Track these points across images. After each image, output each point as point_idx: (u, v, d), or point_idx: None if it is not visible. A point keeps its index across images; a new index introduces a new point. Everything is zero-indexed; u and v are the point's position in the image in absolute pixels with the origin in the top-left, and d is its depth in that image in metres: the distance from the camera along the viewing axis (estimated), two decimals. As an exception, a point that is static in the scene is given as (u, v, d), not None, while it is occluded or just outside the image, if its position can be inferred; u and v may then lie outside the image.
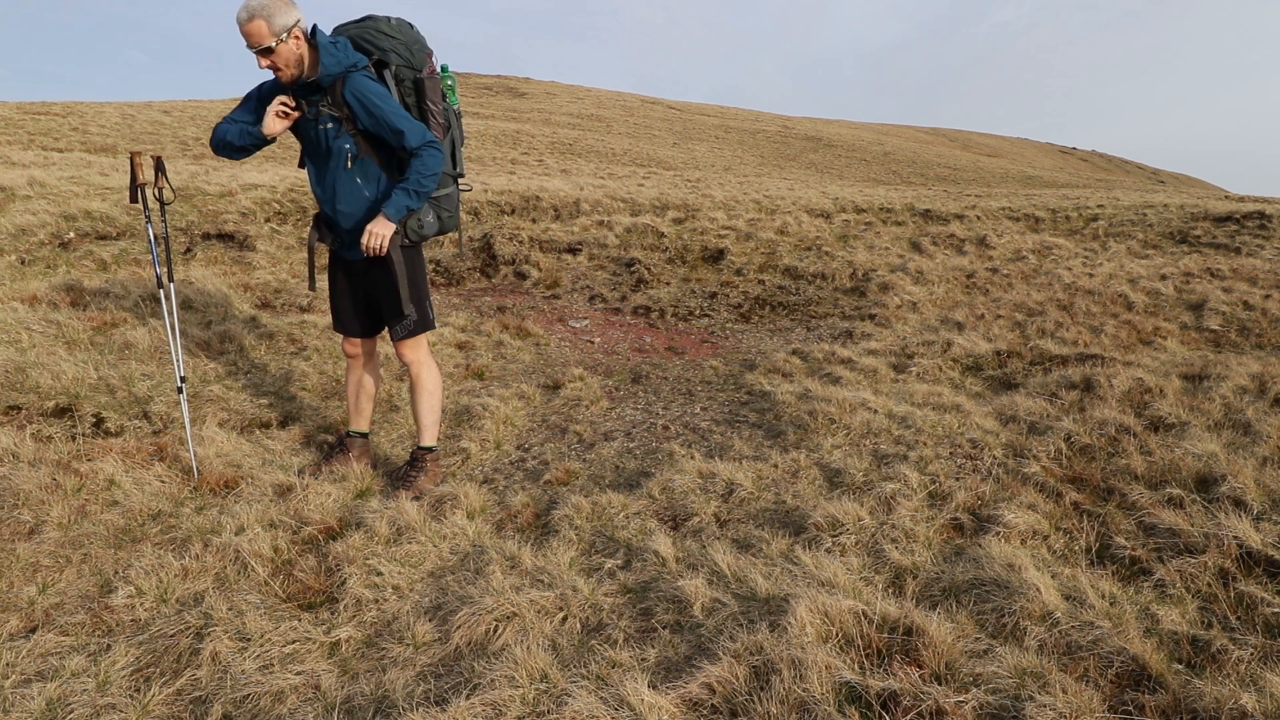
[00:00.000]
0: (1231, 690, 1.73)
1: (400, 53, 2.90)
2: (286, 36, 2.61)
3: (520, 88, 54.45)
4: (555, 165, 22.35)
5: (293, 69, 2.69)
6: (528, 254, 7.94)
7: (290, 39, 2.63)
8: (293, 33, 2.63)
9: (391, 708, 1.88)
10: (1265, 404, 3.70)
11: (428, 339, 3.23)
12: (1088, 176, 45.51)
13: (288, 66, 2.67)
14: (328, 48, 2.69)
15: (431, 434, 3.32)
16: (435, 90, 2.97)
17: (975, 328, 5.68)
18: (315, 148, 2.93)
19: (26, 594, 2.37)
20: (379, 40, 2.87)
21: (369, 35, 2.87)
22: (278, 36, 2.59)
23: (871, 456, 3.26)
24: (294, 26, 2.63)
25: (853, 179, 31.36)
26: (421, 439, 3.31)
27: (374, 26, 2.88)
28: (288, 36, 2.62)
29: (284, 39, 2.61)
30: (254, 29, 2.57)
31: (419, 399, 3.25)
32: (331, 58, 2.69)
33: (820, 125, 60.00)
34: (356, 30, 2.88)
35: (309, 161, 3.02)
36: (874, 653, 1.90)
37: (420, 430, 3.31)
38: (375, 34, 2.87)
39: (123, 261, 6.44)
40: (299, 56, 2.69)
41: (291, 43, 2.64)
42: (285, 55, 2.65)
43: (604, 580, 2.42)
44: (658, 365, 5.18)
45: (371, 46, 2.87)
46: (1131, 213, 10.35)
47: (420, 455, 3.30)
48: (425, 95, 2.94)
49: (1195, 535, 2.45)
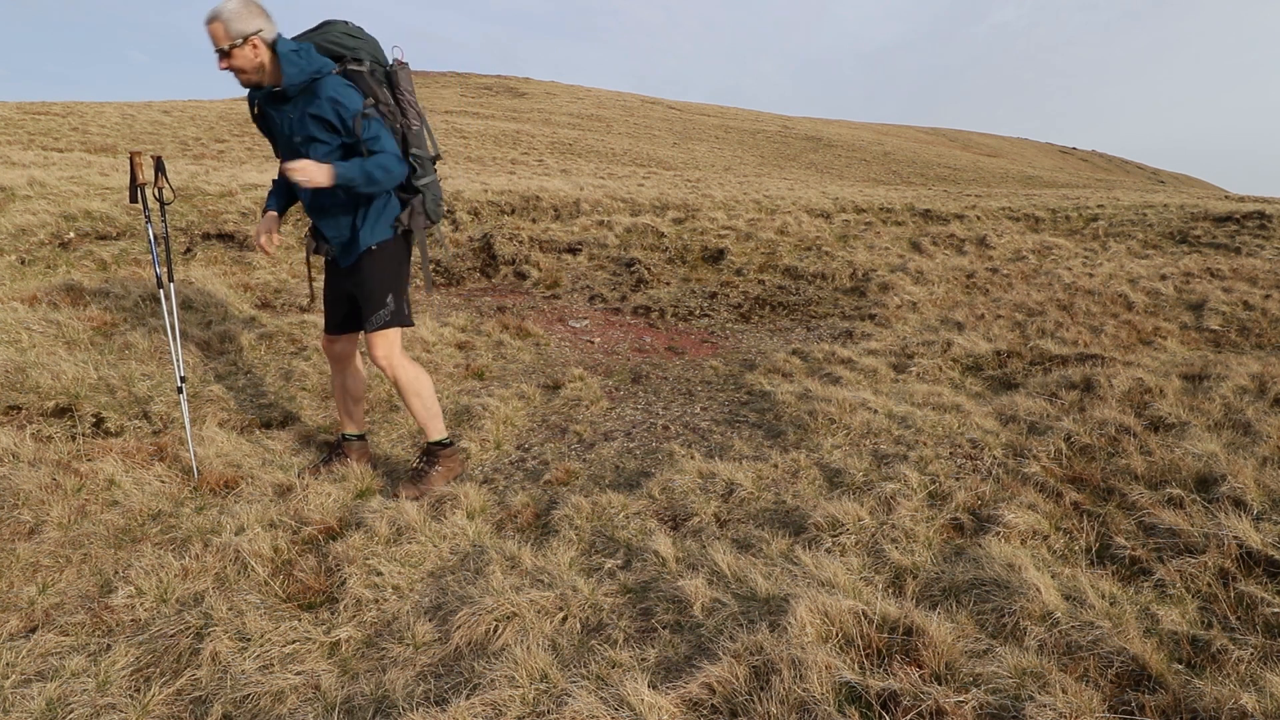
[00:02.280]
0: (1231, 690, 1.73)
1: (368, 50, 2.95)
2: (243, 43, 2.67)
3: (520, 88, 54.46)
4: (555, 165, 22.35)
5: (251, 75, 2.75)
6: (528, 254, 7.94)
7: (247, 46, 2.69)
8: (250, 40, 2.68)
9: (391, 708, 1.88)
10: (1265, 404, 3.70)
11: (400, 339, 3.16)
12: (1088, 176, 45.51)
13: (243, 72, 2.73)
14: (288, 57, 2.73)
15: (435, 428, 3.28)
16: (408, 79, 2.99)
17: (975, 328, 5.68)
18: (292, 154, 2.91)
19: (26, 594, 2.37)
20: (345, 41, 2.91)
21: (333, 38, 2.91)
22: (233, 41, 2.65)
23: (871, 456, 3.26)
24: (253, 34, 2.68)
25: (853, 179, 31.36)
26: (428, 435, 3.28)
27: (336, 30, 2.93)
28: (244, 43, 2.67)
29: (239, 44, 2.67)
30: (213, 30, 2.66)
31: (407, 401, 3.22)
32: (294, 66, 2.73)
33: (820, 125, 60.01)
34: (319, 36, 2.91)
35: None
36: (874, 653, 1.90)
37: (423, 429, 3.29)
38: (340, 36, 2.91)
39: (123, 261, 6.44)
40: (258, 64, 2.73)
41: (248, 49, 2.69)
42: (241, 60, 2.70)
43: (604, 580, 2.42)
44: (658, 365, 5.18)
45: (339, 48, 2.90)
46: (1131, 213, 10.35)
47: (431, 450, 3.27)
48: (399, 86, 2.97)
49: (1195, 535, 2.45)
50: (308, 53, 2.77)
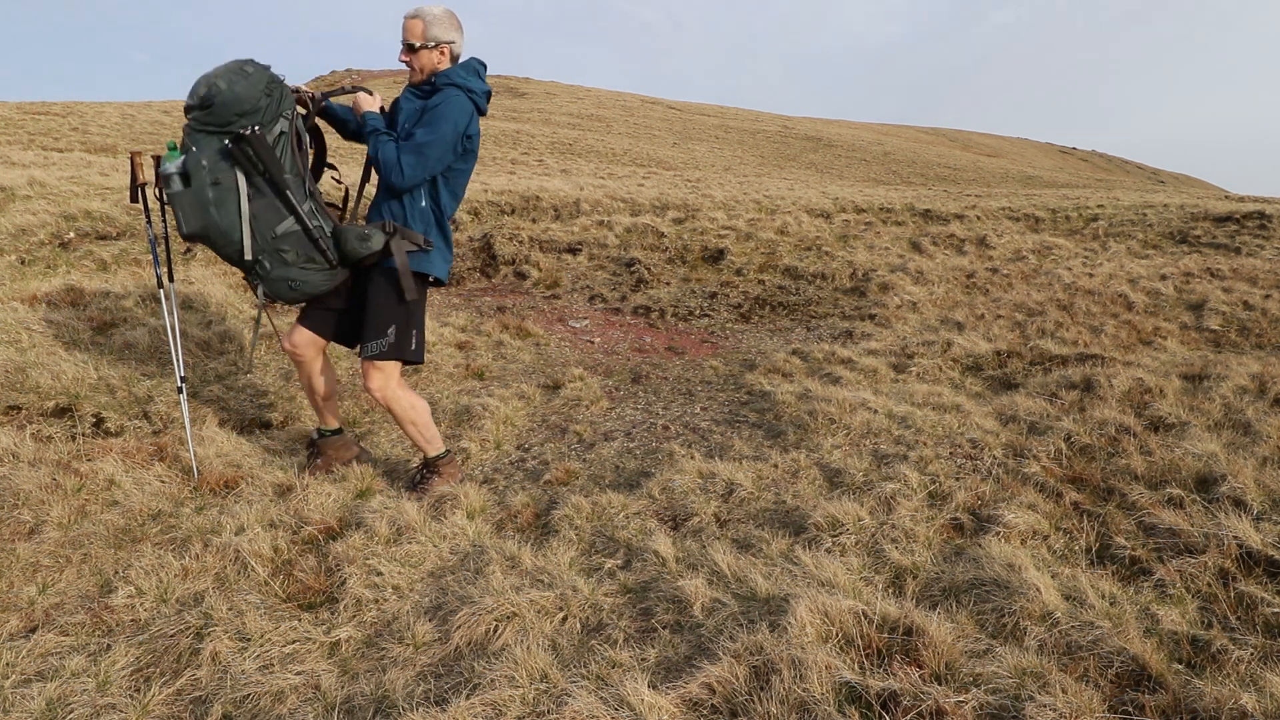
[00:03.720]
0: (1231, 690, 1.73)
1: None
2: (434, 46, 2.82)
3: (520, 88, 54.45)
4: (555, 165, 22.35)
5: (418, 75, 2.88)
6: (528, 254, 7.94)
7: (436, 51, 2.84)
8: (441, 47, 2.84)
9: (391, 708, 1.88)
10: (1265, 404, 3.70)
11: (399, 372, 3.00)
12: (1088, 176, 45.51)
13: (419, 71, 2.87)
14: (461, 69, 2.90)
15: (433, 447, 3.19)
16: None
17: (975, 328, 5.68)
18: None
19: (26, 594, 2.37)
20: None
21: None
22: (426, 42, 2.81)
23: (871, 456, 3.26)
24: (446, 44, 2.84)
25: (853, 179, 31.36)
26: (426, 454, 3.19)
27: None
28: (434, 47, 2.83)
29: (430, 47, 2.82)
30: (410, 25, 2.81)
31: (403, 428, 3.10)
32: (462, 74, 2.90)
33: (820, 125, 60.00)
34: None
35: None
36: (874, 653, 1.90)
37: (421, 449, 3.19)
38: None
39: (123, 261, 6.44)
40: (433, 69, 2.86)
41: (435, 54, 2.84)
42: (424, 60, 2.84)
43: (604, 580, 2.42)
44: (658, 365, 5.18)
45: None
46: (1131, 213, 10.35)
47: (431, 462, 3.19)
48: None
49: (1195, 535, 2.45)
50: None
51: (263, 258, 2.73)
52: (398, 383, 3.01)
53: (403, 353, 2.92)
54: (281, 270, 2.76)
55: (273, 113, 2.62)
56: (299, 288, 2.81)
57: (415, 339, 2.95)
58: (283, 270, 2.77)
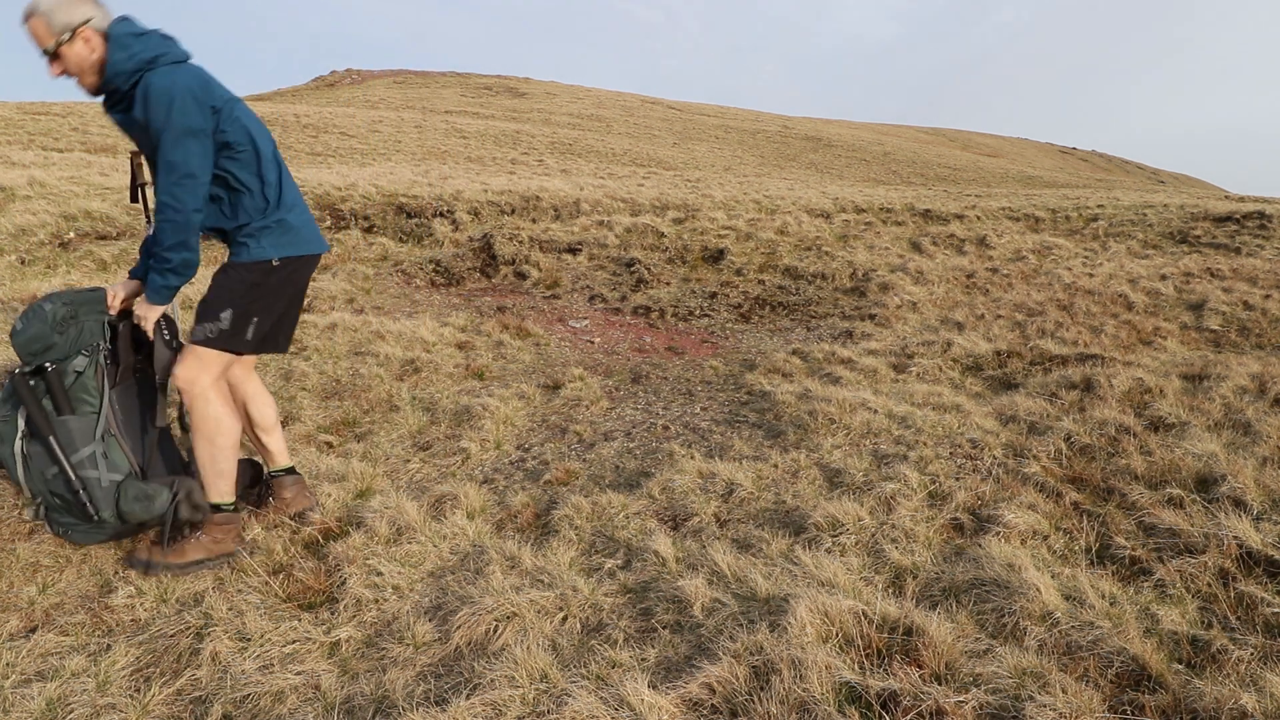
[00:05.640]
0: (1231, 690, 1.73)
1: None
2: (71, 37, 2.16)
3: (520, 88, 54.45)
4: (555, 165, 22.35)
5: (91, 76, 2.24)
6: (528, 254, 7.94)
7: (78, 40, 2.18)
8: (81, 33, 2.17)
9: (391, 708, 1.88)
10: (1265, 404, 3.70)
11: (222, 369, 2.52)
12: (1088, 176, 45.51)
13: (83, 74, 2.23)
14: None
15: (218, 488, 2.55)
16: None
17: (975, 328, 5.68)
18: None
19: (26, 594, 2.37)
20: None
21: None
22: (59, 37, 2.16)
23: (871, 456, 3.26)
24: (84, 24, 2.17)
25: (853, 179, 31.36)
26: (208, 494, 2.56)
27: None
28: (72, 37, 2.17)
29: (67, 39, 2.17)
30: (33, 31, 2.17)
31: (194, 445, 2.52)
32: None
33: (820, 125, 59.99)
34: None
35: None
36: (874, 653, 1.90)
37: (203, 485, 2.57)
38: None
39: (123, 261, 6.44)
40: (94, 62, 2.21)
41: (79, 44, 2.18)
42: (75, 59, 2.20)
43: (604, 580, 2.42)
44: (658, 365, 5.18)
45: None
46: (1131, 213, 10.35)
47: (205, 509, 2.56)
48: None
49: (1195, 535, 2.45)
50: None
51: (38, 499, 2.48)
52: (214, 384, 2.50)
53: (234, 343, 2.47)
54: (58, 515, 2.49)
55: (65, 349, 2.39)
56: (73, 539, 2.54)
57: (254, 329, 2.49)
58: (59, 515, 2.49)
